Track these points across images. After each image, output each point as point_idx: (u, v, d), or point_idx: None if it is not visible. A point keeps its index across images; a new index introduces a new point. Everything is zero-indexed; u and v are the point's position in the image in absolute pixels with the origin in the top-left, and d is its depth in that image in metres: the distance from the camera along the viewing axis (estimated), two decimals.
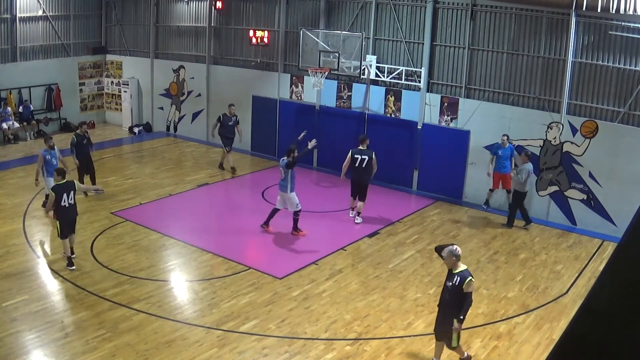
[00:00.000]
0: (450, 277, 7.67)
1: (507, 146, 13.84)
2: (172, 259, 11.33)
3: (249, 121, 18.98)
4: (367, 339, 8.73)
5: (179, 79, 20.79)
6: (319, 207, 14.33)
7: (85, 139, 14.56)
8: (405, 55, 15.79)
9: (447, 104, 15.21)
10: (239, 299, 9.71)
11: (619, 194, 12.90)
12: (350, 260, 11.56)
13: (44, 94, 20.71)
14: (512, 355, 8.41)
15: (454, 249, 7.60)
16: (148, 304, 9.42)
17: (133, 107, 21.82)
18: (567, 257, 12.02)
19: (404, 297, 10.04)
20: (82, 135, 14.54)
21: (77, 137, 14.45)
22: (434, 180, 15.56)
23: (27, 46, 20.04)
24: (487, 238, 12.93)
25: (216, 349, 8.26)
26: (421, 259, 11.66)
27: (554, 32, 13.59)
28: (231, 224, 13.28)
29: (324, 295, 10.00)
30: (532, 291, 10.44)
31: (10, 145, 18.98)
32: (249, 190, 16.11)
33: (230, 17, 19.25)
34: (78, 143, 14.41)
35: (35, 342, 8.16)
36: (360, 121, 16.64)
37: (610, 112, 13.11)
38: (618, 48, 12.81)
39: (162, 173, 16.73)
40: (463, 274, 7.53)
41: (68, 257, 10.49)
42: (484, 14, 14.52)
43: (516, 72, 14.25)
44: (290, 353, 8.26)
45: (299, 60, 16.03)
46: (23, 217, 12.79)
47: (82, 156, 14.44)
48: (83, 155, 14.49)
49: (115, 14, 22.07)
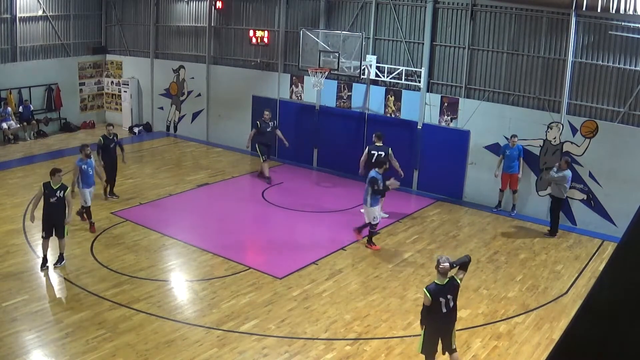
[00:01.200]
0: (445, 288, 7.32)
1: (516, 146, 13.84)
2: (172, 259, 11.33)
3: (249, 121, 18.99)
4: (367, 339, 8.73)
5: (179, 79, 20.79)
6: (319, 207, 14.33)
7: (113, 142, 14.04)
8: (405, 55, 15.79)
9: (447, 104, 15.21)
10: (239, 299, 9.71)
11: (619, 194, 12.90)
12: (350, 260, 11.55)
13: (44, 94, 20.70)
14: (512, 355, 8.41)
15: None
16: (148, 304, 9.42)
17: (133, 107, 21.81)
18: (567, 257, 12.02)
19: (404, 297, 10.03)
20: (110, 138, 14.00)
21: (105, 140, 13.95)
22: (434, 180, 15.56)
23: (27, 46, 20.04)
24: (487, 238, 12.93)
25: (216, 349, 8.26)
26: (421, 259, 11.66)
27: (554, 32, 13.59)
28: (231, 224, 13.27)
29: (324, 295, 10.00)
30: (532, 291, 10.44)
31: (10, 145, 18.97)
32: (249, 190, 16.10)
33: (230, 17, 19.25)
34: (105, 146, 13.92)
35: (35, 342, 8.16)
36: (360, 121, 16.64)
37: (610, 112, 13.11)
38: (618, 48, 12.81)
39: (162, 173, 16.73)
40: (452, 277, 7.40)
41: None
42: (484, 14, 14.52)
43: (516, 72, 14.25)
44: (290, 353, 8.26)
45: (299, 60, 16.02)
46: (23, 217, 12.78)
47: (108, 160, 13.92)
48: (109, 159, 13.97)
49: (115, 14, 22.07)
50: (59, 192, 10.39)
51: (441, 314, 7.27)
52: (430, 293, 7.21)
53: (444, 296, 7.24)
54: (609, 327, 1.33)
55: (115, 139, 14.12)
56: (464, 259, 7.56)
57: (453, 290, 7.35)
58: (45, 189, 10.38)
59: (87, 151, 12.26)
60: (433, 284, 7.36)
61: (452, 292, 7.32)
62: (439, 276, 7.33)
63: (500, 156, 14.09)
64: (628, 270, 1.34)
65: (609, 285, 1.38)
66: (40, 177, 15.68)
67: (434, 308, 7.24)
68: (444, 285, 7.29)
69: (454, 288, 7.36)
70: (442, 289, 7.27)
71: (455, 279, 7.40)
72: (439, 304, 7.22)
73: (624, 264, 1.36)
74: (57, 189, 10.39)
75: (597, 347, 1.35)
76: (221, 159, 18.53)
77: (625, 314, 1.32)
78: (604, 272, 1.39)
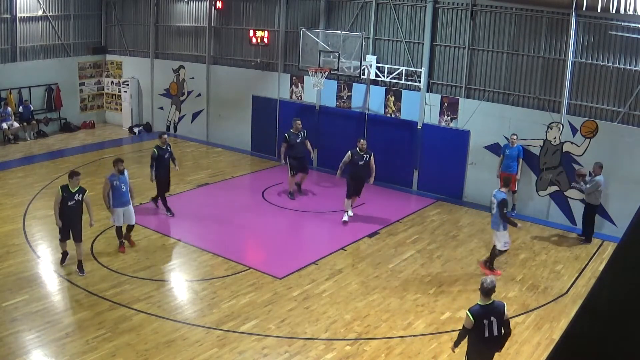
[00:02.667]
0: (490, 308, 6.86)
1: (515, 146, 13.83)
2: (172, 259, 11.33)
3: (249, 121, 19.01)
4: (367, 339, 8.73)
5: (179, 79, 20.79)
6: (319, 207, 14.32)
7: (167, 152, 13.04)
8: (405, 55, 15.79)
9: (447, 104, 15.21)
10: (239, 299, 9.71)
11: (619, 194, 12.90)
12: (350, 260, 11.55)
13: (44, 94, 20.70)
14: (512, 355, 8.40)
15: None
16: (148, 304, 9.42)
17: (133, 107, 21.81)
18: (567, 257, 12.02)
19: (404, 297, 10.03)
20: (164, 148, 13.00)
21: (159, 150, 12.91)
22: (434, 180, 15.56)
23: (27, 46, 20.04)
24: (487, 238, 12.90)
25: (216, 349, 8.27)
26: (421, 259, 11.66)
27: (554, 32, 13.59)
28: (231, 224, 13.27)
29: (324, 295, 10.00)
30: (532, 291, 10.44)
31: (10, 145, 18.97)
32: (249, 190, 16.10)
33: (230, 17, 19.25)
34: (159, 157, 12.84)
35: (35, 342, 8.16)
36: (360, 121, 16.64)
37: (610, 112, 13.11)
38: (618, 48, 12.80)
39: None
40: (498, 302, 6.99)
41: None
42: (484, 14, 14.52)
43: (516, 72, 14.25)
44: (290, 353, 8.26)
45: (299, 60, 16.02)
46: (23, 217, 12.78)
47: (163, 172, 12.96)
48: (164, 170, 12.98)
49: (115, 14, 22.06)
50: (77, 195, 10.21)
51: (484, 338, 6.82)
52: (473, 315, 6.79)
53: (487, 318, 6.79)
54: (609, 327, 1.33)
55: (168, 148, 13.17)
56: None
57: (497, 313, 6.84)
58: (64, 192, 10.17)
59: (121, 166, 11.11)
60: (476, 306, 6.94)
61: (496, 314, 6.82)
62: (482, 297, 6.93)
63: (501, 156, 14.09)
64: (628, 270, 1.34)
65: (609, 285, 1.38)
66: (41, 177, 15.75)
67: (476, 331, 6.79)
68: (487, 306, 6.85)
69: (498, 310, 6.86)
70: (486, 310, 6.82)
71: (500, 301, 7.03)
72: (482, 327, 6.76)
73: (624, 264, 1.36)
74: (76, 193, 10.22)
75: (597, 347, 1.35)
76: (221, 159, 18.54)
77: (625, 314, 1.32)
78: (604, 272, 1.39)
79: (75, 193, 10.22)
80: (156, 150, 12.97)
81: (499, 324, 6.80)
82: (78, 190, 10.27)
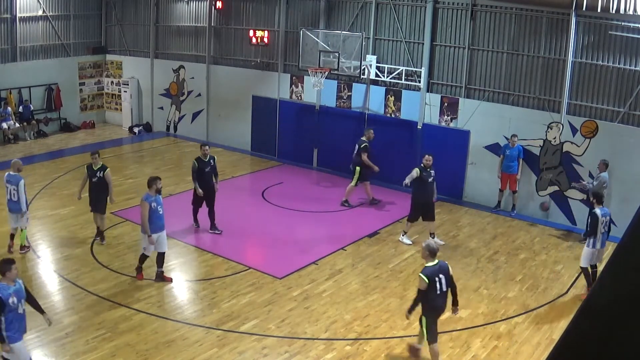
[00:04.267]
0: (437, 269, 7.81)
1: (516, 146, 13.83)
2: (172, 259, 11.32)
3: (249, 121, 19.01)
4: (367, 339, 8.73)
5: (179, 78, 20.79)
6: (319, 207, 14.32)
7: (209, 166, 11.97)
8: (405, 55, 15.79)
9: (447, 104, 15.21)
10: (239, 299, 9.71)
11: (619, 194, 12.89)
12: (350, 260, 11.55)
13: (44, 94, 20.71)
14: (512, 355, 8.41)
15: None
16: (148, 304, 9.42)
17: (133, 107, 21.82)
18: (567, 257, 12.01)
19: (404, 297, 10.03)
20: (206, 161, 11.96)
21: (199, 163, 11.92)
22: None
23: (27, 46, 20.04)
24: (487, 238, 12.93)
25: (216, 349, 8.27)
26: (421, 259, 11.62)
27: (554, 32, 13.59)
28: (231, 224, 13.26)
29: (324, 295, 10.00)
30: (532, 291, 10.44)
31: (10, 145, 18.97)
32: (249, 190, 16.10)
33: (230, 17, 19.25)
34: (200, 170, 11.90)
35: (35, 342, 8.15)
36: (360, 121, 16.63)
37: (610, 112, 13.11)
38: (618, 48, 12.80)
39: (162, 173, 16.61)
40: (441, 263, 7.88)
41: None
42: (484, 14, 14.52)
43: (516, 72, 14.25)
44: (290, 353, 8.26)
45: (299, 60, 16.02)
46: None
47: (204, 187, 11.88)
48: (206, 185, 11.89)
49: (115, 14, 22.07)
50: (99, 172, 11.47)
51: (437, 295, 7.69)
52: (427, 276, 7.61)
53: (437, 276, 7.69)
54: (609, 327, 1.33)
55: (212, 162, 12.10)
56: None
57: (444, 271, 7.77)
58: (88, 170, 11.57)
59: (159, 185, 9.92)
60: (427, 268, 7.75)
61: (443, 272, 7.75)
62: (429, 259, 7.79)
63: (501, 156, 14.09)
64: (628, 270, 1.34)
65: (609, 285, 1.38)
66: (40, 177, 15.74)
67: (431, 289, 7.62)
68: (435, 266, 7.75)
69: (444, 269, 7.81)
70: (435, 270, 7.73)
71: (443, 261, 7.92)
72: (435, 284, 7.65)
73: (624, 264, 1.36)
74: (97, 170, 11.48)
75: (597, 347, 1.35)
76: (221, 159, 18.46)
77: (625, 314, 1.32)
78: (604, 272, 1.39)
79: (97, 170, 11.49)
80: (196, 162, 11.98)
81: (446, 280, 7.75)
82: (100, 167, 11.51)
